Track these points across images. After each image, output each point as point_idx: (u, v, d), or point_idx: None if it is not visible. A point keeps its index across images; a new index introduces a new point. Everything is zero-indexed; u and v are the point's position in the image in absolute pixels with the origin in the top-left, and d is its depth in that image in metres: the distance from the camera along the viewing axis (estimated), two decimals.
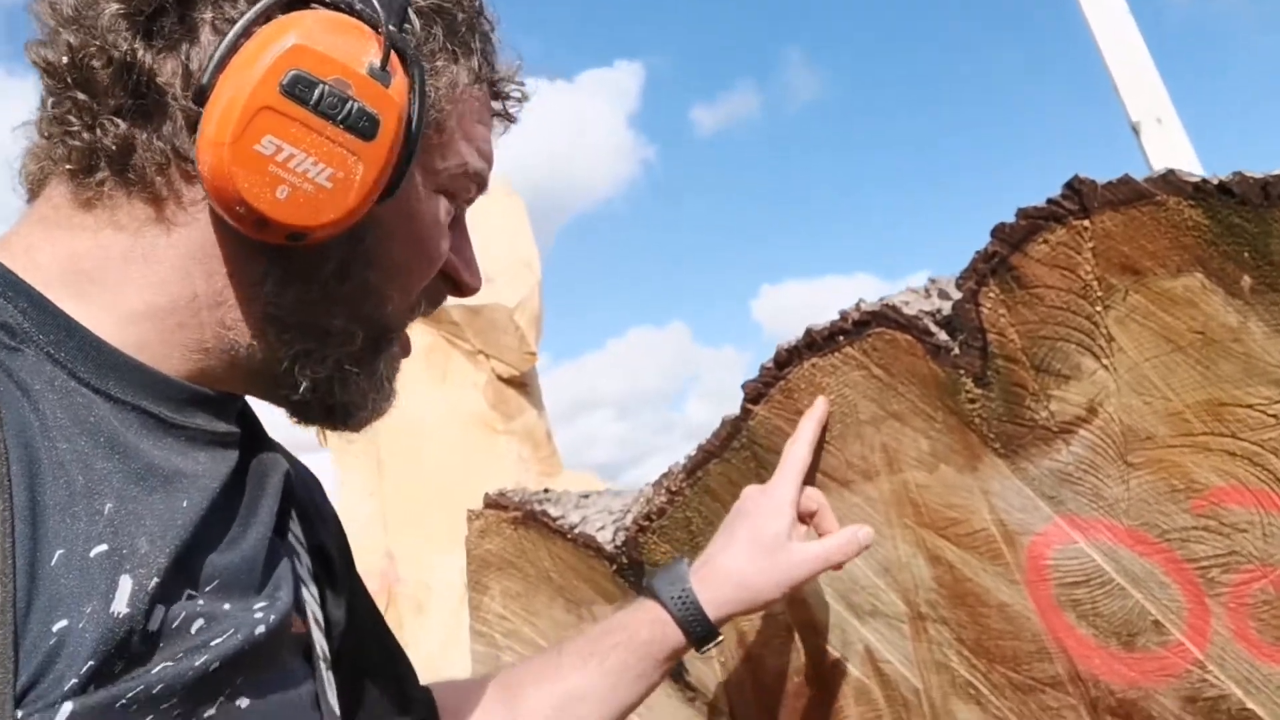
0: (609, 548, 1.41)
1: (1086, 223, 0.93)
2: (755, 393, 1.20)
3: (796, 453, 1.09)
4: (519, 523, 1.52)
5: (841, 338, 1.12)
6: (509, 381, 4.66)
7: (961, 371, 1.04)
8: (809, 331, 1.14)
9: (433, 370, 4.58)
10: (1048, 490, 1.02)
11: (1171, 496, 0.94)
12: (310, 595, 0.82)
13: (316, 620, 0.81)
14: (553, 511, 1.49)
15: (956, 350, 1.04)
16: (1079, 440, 0.99)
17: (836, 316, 1.12)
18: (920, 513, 1.11)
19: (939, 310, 1.06)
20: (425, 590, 4.04)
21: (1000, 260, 0.98)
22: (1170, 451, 0.93)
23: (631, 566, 1.39)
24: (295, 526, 0.85)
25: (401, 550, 4.35)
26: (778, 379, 1.18)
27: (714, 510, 1.28)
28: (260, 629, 0.69)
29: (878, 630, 1.18)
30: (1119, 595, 0.99)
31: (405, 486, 4.45)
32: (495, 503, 1.57)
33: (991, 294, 1.00)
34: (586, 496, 1.55)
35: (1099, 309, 0.94)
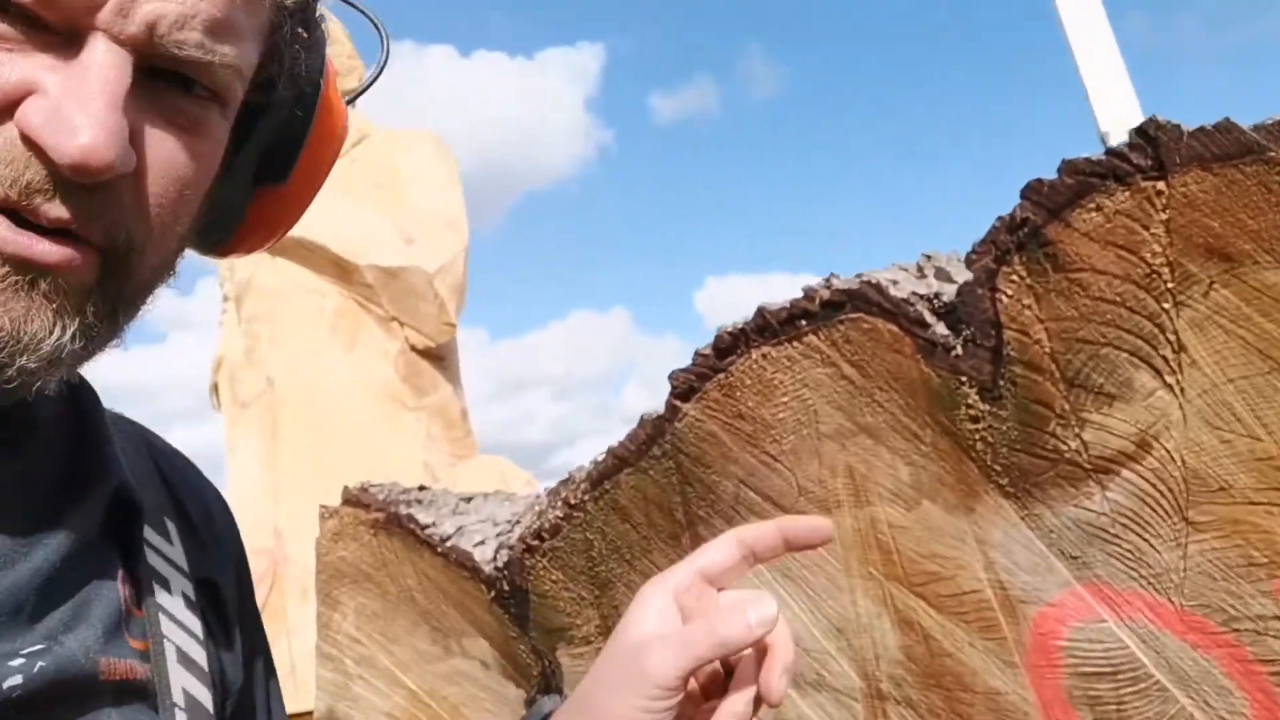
0: (488, 568, 1.13)
1: (1161, 185, 0.67)
2: (686, 386, 0.93)
3: (716, 544, 0.70)
4: (380, 527, 1.24)
5: (804, 322, 0.85)
6: (424, 353, 4.35)
7: (963, 379, 0.78)
8: (762, 311, 0.87)
9: (340, 335, 4.26)
10: (1069, 547, 0.76)
11: (1247, 572, 0.69)
12: (182, 630, 0.68)
13: (187, 661, 0.68)
14: (422, 517, 1.21)
15: (959, 350, 0.78)
16: (1121, 484, 0.73)
17: (800, 294, 0.86)
18: (891, 561, 0.85)
19: (938, 295, 0.80)
20: (310, 576, 3.72)
21: (1032, 231, 0.73)
22: (1252, 510, 0.68)
23: (513, 594, 1.11)
24: (173, 550, 0.72)
25: (291, 528, 4.04)
26: (716, 370, 0.91)
27: (621, 533, 1.01)
28: (13, 680, 0.55)
29: (821, 706, 0.92)
30: (1157, 698, 0.74)
31: (301, 459, 4.13)
32: (355, 499, 1.29)
33: (1015, 276, 0.74)
34: (469, 500, 1.28)
35: (1168, 306, 0.69)
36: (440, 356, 4.39)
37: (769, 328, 0.88)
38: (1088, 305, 0.72)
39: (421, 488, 1.35)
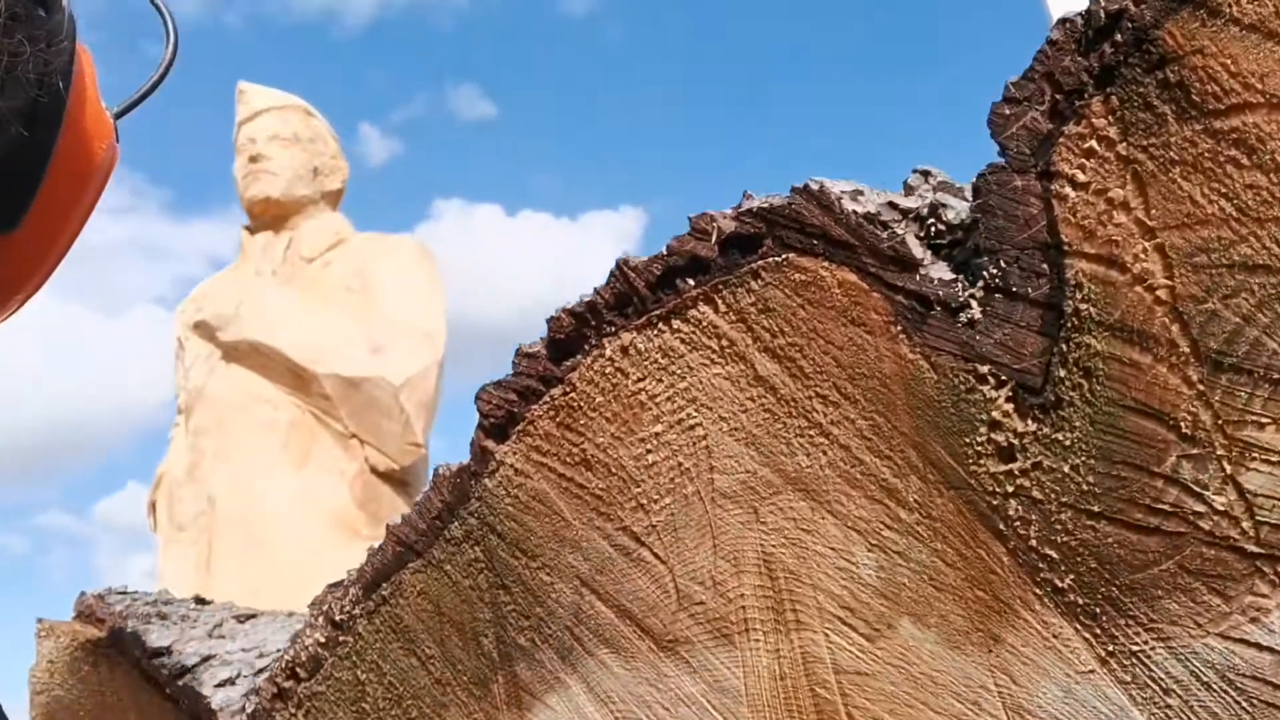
0: None
1: None
2: (500, 412, 0.55)
3: None
4: (102, 654, 0.84)
5: (690, 281, 0.47)
6: (385, 476, 3.95)
7: (985, 371, 0.39)
8: (623, 269, 0.49)
9: (291, 451, 3.87)
10: None
11: None
12: None
13: None
14: (155, 639, 0.80)
15: (974, 310, 0.39)
16: None
17: (685, 231, 0.48)
18: None
19: (935, 209, 0.42)
20: None
21: (1134, 37, 0.35)
22: None
23: None
24: None
25: None
26: (549, 382, 0.53)
27: (405, 672, 0.61)
28: None
29: None
30: None
31: (235, 591, 3.67)
32: (87, 610, 0.89)
33: (1095, 140, 0.36)
34: (247, 619, 0.87)
35: None
36: (403, 481, 3.98)
37: (634, 297, 0.49)
38: (1260, 189, 0.34)
39: (200, 600, 0.95)
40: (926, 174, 0.48)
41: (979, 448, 0.40)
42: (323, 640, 0.66)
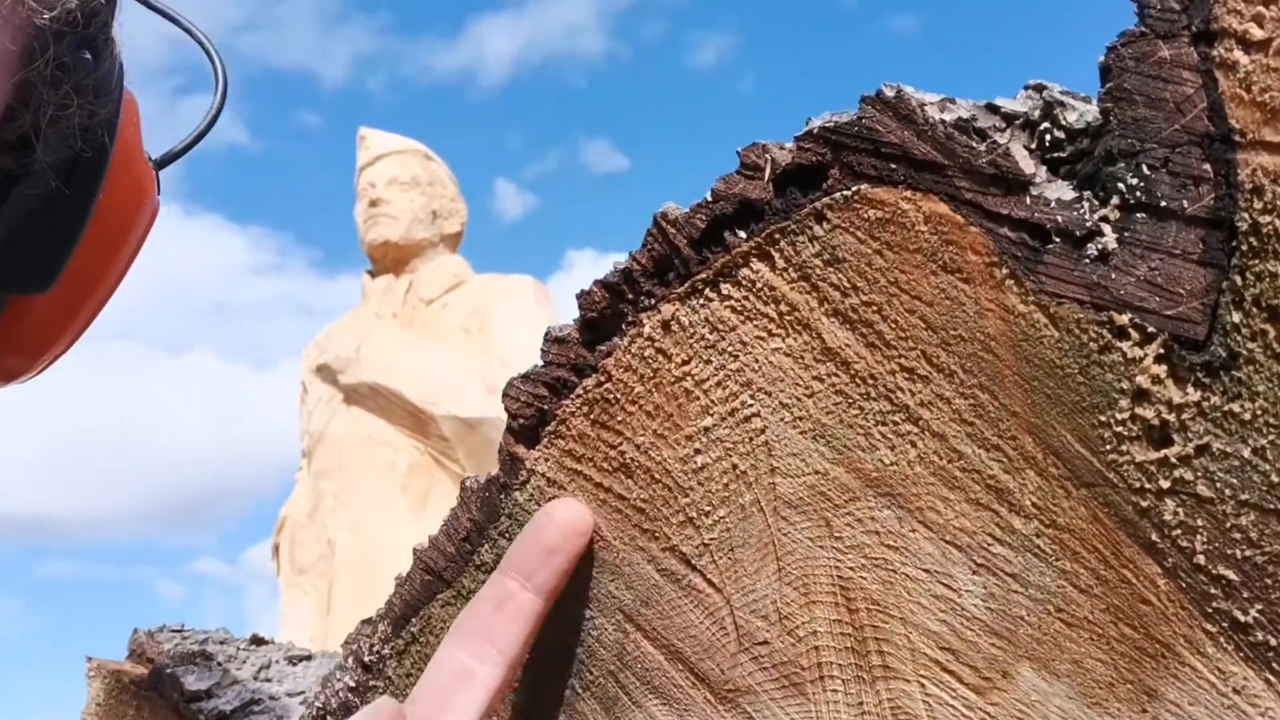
0: None
1: None
2: (529, 411, 0.46)
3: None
4: (143, 695, 0.78)
5: (741, 233, 0.38)
6: None
7: (1125, 320, 0.29)
8: (662, 223, 0.40)
9: (410, 494, 3.88)
10: None
11: None
12: None
13: None
14: (194, 681, 0.74)
15: (1108, 240, 0.29)
16: None
17: (734, 171, 0.39)
18: None
19: (1052, 110, 0.32)
20: None
21: None
22: None
23: None
24: None
25: None
26: (581, 372, 0.44)
27: None
28: None
29: None
30: None
31: None
32: (139, 648, 0.83)
33: None
34: (299, 661, 0.81)
35: None
36: None
37: (676, 259, 0.40)
38: None
39: (257, 639, 0.89)
40: (1041, 88, 0.38)
41: (1120, 429, 0.30)
42: (352, 685, 0.58)
